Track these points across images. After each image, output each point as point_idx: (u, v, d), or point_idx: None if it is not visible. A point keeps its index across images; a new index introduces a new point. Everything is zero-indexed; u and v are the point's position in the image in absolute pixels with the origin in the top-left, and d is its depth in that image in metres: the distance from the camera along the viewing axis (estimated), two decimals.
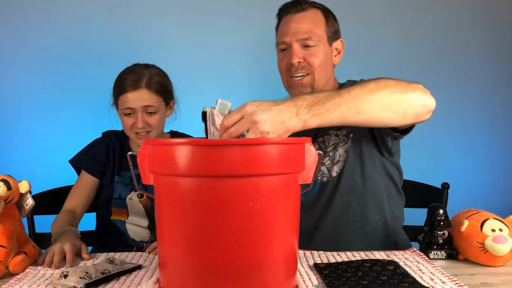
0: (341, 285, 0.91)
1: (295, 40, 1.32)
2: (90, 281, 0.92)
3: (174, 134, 1.62)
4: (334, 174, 1.34)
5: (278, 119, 0.90)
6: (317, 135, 1.38)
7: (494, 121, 2.31)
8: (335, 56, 1.39)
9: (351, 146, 1.33)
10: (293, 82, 1.34)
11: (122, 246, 1.47)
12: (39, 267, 1.06)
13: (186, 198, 0.81)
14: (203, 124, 0.92)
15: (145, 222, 1.49)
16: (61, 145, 1.99)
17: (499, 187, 2.32)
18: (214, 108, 0.91)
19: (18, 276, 0.99)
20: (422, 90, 1.07)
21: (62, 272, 0.94)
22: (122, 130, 1.56)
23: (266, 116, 0.89)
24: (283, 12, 1.38)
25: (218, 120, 0.91)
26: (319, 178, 1.36)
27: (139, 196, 1.48)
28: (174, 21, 2.11)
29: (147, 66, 1.48)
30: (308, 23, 1.32)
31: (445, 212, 1.14)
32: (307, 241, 1.35)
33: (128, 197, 1.48)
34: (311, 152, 0.87)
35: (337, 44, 1.39)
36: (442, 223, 1.13)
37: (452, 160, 2.27)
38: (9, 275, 1.02)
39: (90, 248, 1.50)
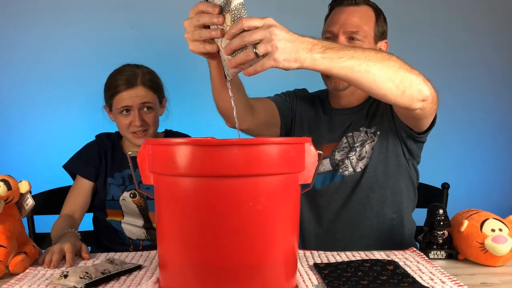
0: (341, 285, 0.91)
1: (342, 31, 1.31)
2: (90, 281, 0.92)
3: (168, 133, 1.62)
4: (358, 169, 1.35)
5: (292, 45, 0.88)
6: (348, 129, 1.39)
7: (494, 121, 2.32)
8: None
9: (377, 144, 1.34)
10: None
11: (119, 245, 1.48)
12: (39, 267, 1.06)
13: (186, 198, 0.81)
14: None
15: (140, 222, 1.48)
16: (61, 145, 1.98)
17: (499, 187, 2.33)
18: None
19: (18, 276, 0.99)
20: (423, 77, 1.07)
21: (62, 272, 0.94)
22: (116, 132, 1.56)
23: (284, 35, 0.87)
24: (336, 3, 1.38)
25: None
26: (340, 170, 1.36)
27: (131, 196, 1.47)
28: (174, 20, 2.10)
29: (137, 66, 1.49)
30: (359, 18, 1.32)
31: (445, 212, 1.14)
32: (324, 232, 1.37)
33: (121, 197, 1.47)
34: (311, 152, 0.88)
35: (382, 44, 1.39)
36: (442, 223, 1.13)
37: (452, 160, 2.27)
38: (9, 275, 1.02)
39: (89, 248, 1.50)
